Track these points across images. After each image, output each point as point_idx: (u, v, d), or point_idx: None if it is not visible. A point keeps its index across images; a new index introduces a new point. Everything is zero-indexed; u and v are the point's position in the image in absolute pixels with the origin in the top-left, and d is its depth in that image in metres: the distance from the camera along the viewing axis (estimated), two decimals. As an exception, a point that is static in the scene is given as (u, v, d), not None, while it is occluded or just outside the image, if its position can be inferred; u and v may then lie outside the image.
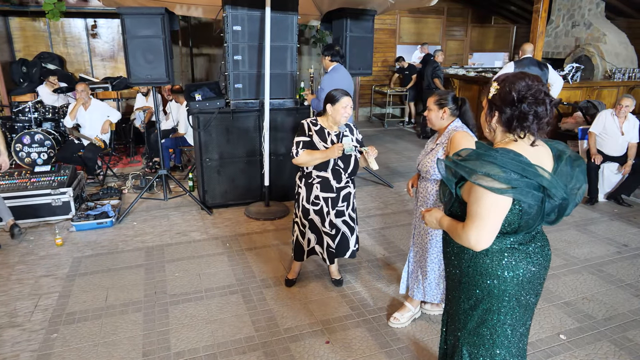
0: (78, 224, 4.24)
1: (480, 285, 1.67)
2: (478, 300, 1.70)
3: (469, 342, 1.78)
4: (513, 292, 1.64)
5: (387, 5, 4.85)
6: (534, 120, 1.52)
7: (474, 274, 1.67)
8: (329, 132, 2.96)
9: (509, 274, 1.62)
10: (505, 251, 1.62)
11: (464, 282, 1.72)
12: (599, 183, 5.09)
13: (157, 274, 3.48)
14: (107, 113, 5.69)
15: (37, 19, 7.82)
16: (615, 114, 4.95)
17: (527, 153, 1.52)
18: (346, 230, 3.11)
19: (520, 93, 1.51)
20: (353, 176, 3.06)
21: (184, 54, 8.79)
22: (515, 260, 1.62)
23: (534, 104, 1.50)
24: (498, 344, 1.73)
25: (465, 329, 1.77)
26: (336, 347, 2.66)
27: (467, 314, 1.75)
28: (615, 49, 8.11)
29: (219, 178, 4.76)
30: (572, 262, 3.72)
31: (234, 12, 4.38)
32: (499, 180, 1.45)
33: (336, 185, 2.99)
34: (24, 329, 2.82)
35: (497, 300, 1.66)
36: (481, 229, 1.50)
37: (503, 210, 1.50)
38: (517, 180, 1.45)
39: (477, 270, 1.66)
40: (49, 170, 4.65)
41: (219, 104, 4.56)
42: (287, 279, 3.33)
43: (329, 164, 2.94)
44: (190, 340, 2.71)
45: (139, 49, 4.18)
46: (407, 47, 10.28)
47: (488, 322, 1.71)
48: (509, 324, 1.70)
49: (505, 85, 1.54)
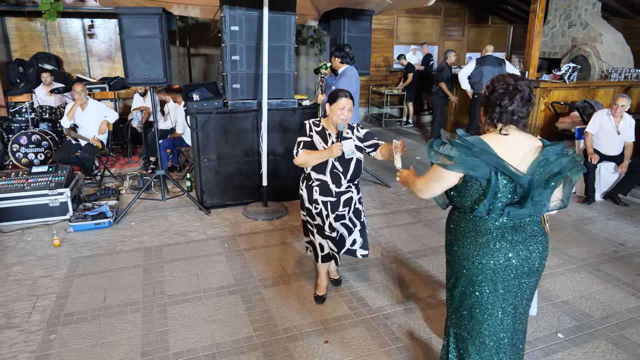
0: (76, 225, 4.23)
1: (459, 264, 1.88)
2: (457, 280, 1.91)
3: (454, 323, 1.97)
4: (489, 276, 1.80)
5: (385, 5, 4.86)
6: (501, 112, 1.75)
7: (455, 254, 1.90)
8: (330, 134, 2.89)
9: (486, 260, 1.78)
10: (488, 236, 1.78)
11: (449, 261, 1.97)
12: (595, 182, 5.11)
13: (155, 275, 3.48)
14: (105, 113, 5.67)
15: (33, 19, 7.80)
16: (611, 113, 4.97)
17: (495, 141, 1.75)
18: (344, 231, 3.02)
19: (494, 86, 1.77)
20: (354, 181, 2.95)
21: (181, 54, 8.78)
22: (496, 247, 1.77)
23: (503, 95, 1.73)
24: (477, 324, 1.87)
25: (450, 308, 1.99)
26: (335, 347, 2.66)
27: (450, 293, 1.97)
28: (612, 49, 8.15)
29: (217, 178, 4.76)
30: (570, 261, 3.73)
31: (231, 12, 4.37)
32: (448, 157, 1.75)
33: (336, 190, 2.90)
34: (22, 330, 2.81)
35: (473, 282, 1.84)
36: (424, 184, 1.91)
37: (446, 180, 1.82)
38: (461, 158, 1.72)
39: (460, 251, 1.87)
40: (46, 171, 4.63)
41: (217, 104, 4.56)
42: (316, 295, 3.16)
43: (327, 166, 2.86)
44: (189, 341, 2.71)
45: (136, 49, 4.17)
46: (404, 47, 10.31)
47: (467, 303, 1.88)
48: (489, 304, 1.83)
49: (490, 83, 1.81)
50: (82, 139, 5.56)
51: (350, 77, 4.50)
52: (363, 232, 3.08)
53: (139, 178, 5.38)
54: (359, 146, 2.89)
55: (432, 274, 3.51)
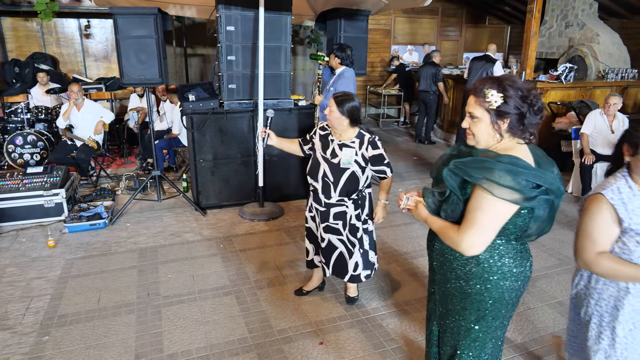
0: (71, 226, 4.20)
1: (490, 290, 1.64)
2: (486, 309, 1.68)
3: (469, 347, 1.76)
4: (521, 290, 1.68)
5: (381, 5, 4.85)
6: (531, 124, 1.54)
7: (484, 281, 1.64)
8: (332, 139, 2.72)
9: (518, 270, 1.64)
10: (515, 251, 1.64)
11: (473, 294, 1.67)
12: (592, 183, 5.11)
13: (150, 276, 3.46)
14: (101, 114, 5.65)
15: (29, 19, 7.77)
16: (604, 112, 5.01)
17: (525, 154, 1.55)
18: (344, 250, 2.83)
19: (532, 99, 1.52)
20: (349, 195, 2.72)
21: (178, 54, 8.76)
22: (522, 258, 1.66)
23: (540, 110, 1.53)
24: (490, 344, 1.75)
25: (468, 338, 1.75)
26: (329, 348, 2.65)
27: (470, 325, 1.72)
28: (609, 49, 8.15)
29: (212, 179, 4.74)
30: (566, 262, 3.73)
31: (227, 12, 4.36)
32: (512, 189, 1.44)
33: (325, 201, 2.74)
34: (15, 331, 2.79)
35: (505, 303, 1.67)
36: (478, 235, 1.51)
37: (506, 219, 1.51)
38: (528, 190, 1.45)
39: (487, 276, 1.63)
40: (42, 172, 4.61)
41: (213, 105, 4.55)
42: (300, 287, 3.21)
43: (319, 172, 2.72)
44: (183, 342, 2.70)
45: (131, 49, 4.15)
46: (402, 47, 10.32)
47: (490, 328, 1.71)
48: (505, 324, 1.74)
49: (512, 91, 1.52)
50: (77, 140, 5.54)
51: (348, 78, 4.51)
52: (364, 252, 2.88)
53: (135, 179, 5.36)
54: (361, 165, 2.69)
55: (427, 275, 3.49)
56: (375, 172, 2.74)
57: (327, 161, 2.71)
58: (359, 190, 2.76)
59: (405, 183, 5.79)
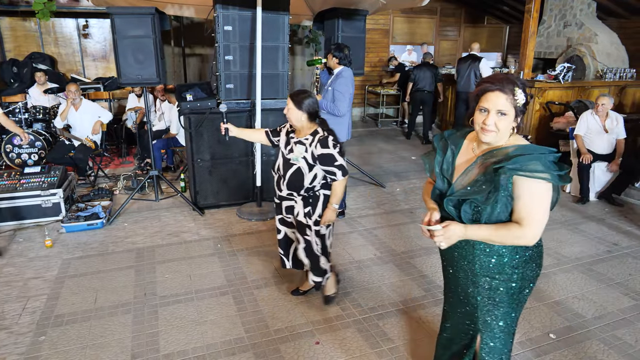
0: (68, 226, 4.20)
1: (527, 279, 1.75)
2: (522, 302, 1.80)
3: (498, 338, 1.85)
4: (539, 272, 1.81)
5: (379, 5, 4.85)
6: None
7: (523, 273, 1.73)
8: (292, 137, 2.77)
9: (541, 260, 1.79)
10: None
11: (514, 289, 1.74)
12: (590, 182, 5.12)
13: (147, 276, 3.46)
14: (98, 114, 5.65)
15: (27, 18, 7.75)
16: (595, 113, 5.05)
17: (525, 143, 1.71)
18: (297, 244, 2.91)
19: (528, 93, 1.68)
20: (296, 191, 2.74)
21: (176, 54, 8.74)
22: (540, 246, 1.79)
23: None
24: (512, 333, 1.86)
25: (502, 332, 1.82)
26: (326, 348, 2.65)
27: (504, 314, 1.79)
28: (607, 49, 8.16)
29: (210, 179, 4.74)
30: (563, 261, 3.73)
31: (224, 12, 4.35)
32: (552, 172, 1.56)
33: (278, 193, 2.85)
34: (12, 331, 2.79)
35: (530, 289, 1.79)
36: (542, 223, 1.60)
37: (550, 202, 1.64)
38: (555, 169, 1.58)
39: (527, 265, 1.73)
40: (39, 171, 4.61)
41: (210, 104, 4.54)
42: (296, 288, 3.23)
43: (275, 165, 2.84)
44: (179, 342, 2.70)
45: (129, 49, 4.15)
46: (401, 47, 10.32)
47: (515, 319, 1.82)
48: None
49: (525, 89, 1.65)
50: (75, 140, 5.54)
51: (347, 78, 4.50)
52: (309, 252, 2.87)
53: (132, 178, 5.36)
54: (309, 162, 2.69)
55: (425, 275, 3.50)
56: (326, 172, 2.70)
57: (283, 156, 2.81)
58: (309, 188, 2.73)
59: (403, 183, 5.80)
